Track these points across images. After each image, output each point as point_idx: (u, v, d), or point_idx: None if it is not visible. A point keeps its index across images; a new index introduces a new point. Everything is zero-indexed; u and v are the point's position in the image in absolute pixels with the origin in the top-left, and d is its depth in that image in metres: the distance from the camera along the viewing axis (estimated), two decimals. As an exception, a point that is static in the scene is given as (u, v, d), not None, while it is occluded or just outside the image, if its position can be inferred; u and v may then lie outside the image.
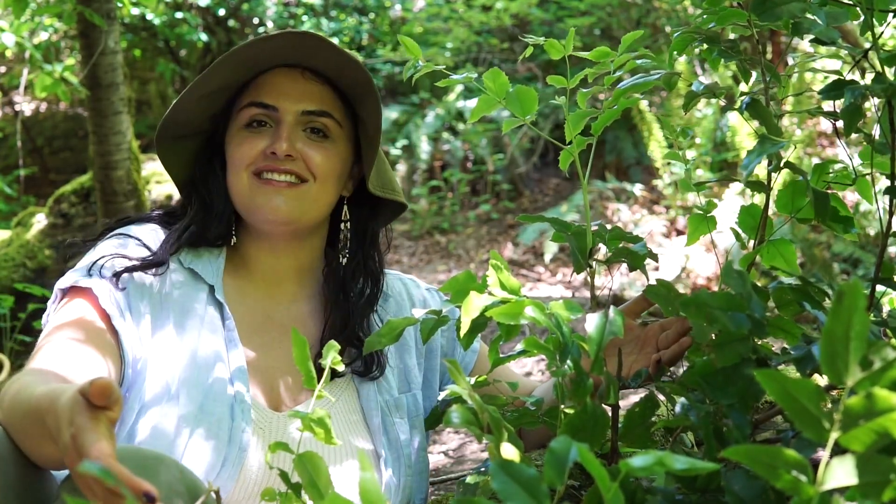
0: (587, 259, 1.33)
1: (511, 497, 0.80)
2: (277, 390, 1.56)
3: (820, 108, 1.39)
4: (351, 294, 1.62)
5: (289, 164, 1.54)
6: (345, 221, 1.67)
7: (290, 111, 1.56)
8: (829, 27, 1.26)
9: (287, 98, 1.56)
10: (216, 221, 1.59)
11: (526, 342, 1.15)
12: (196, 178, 1.62)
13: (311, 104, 1.57)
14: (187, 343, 1.49)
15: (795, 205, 1.37)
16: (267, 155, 1.54)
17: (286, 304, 1.63)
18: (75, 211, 4.91)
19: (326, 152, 1.57)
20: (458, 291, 1.20)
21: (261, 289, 1.62)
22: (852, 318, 0.71)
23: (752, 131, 1.34)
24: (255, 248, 1.62)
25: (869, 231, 5.46)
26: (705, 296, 1.11)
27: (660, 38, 7.53)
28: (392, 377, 1.63)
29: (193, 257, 1.58)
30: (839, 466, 0.73)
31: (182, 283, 1.55)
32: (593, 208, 6.62)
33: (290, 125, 1.55)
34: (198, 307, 1.53)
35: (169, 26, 8.30)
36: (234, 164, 1.57)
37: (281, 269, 1.62)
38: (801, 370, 1.15)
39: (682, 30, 1.38)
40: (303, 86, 1.57)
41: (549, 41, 1.35)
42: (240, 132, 1.57)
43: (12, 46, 4.10)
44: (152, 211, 1.66)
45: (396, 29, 9.06)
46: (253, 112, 1.56)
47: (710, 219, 1.49)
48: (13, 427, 1.22)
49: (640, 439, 1.22)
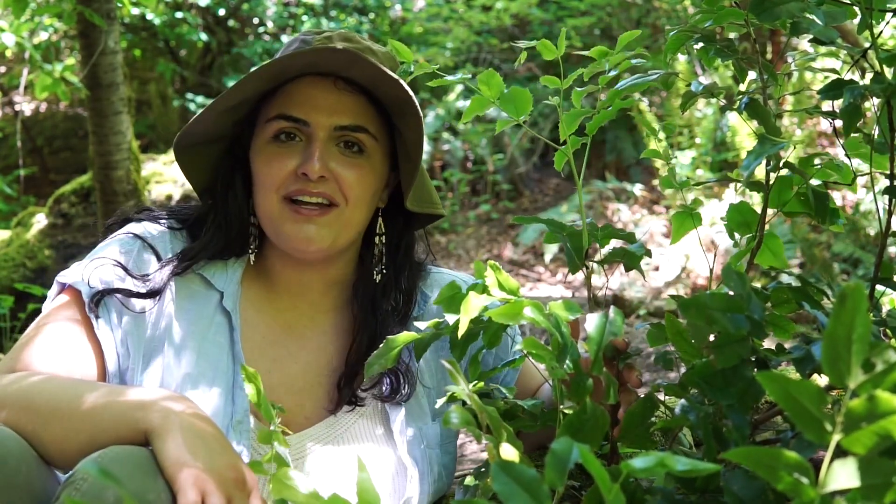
0: (583, 259, 1.32)
1: (512, 498, 0.80)
2: (287, 409, 1.44)
3: (819, 108, 1.39)
4: (379, 312, 1.52)
5: (321, 187, 1.43)
6: (379, 235, 1.56)
7: (322, 126, 1.44)
8: (828, 27, 1.26)
9: (319, 111, 1.44)
10: (233, 234, 1.51)
11: (525, 343, 1.15)
12: (216, 193, 1.52)
13: (346, 118, 1.45)
14: (187, 355, 1.43)
15: (782, 198, 1.36)
16: (298, 176, 1.43)
17: (311, 315, 1.55)
18: (75, 211, 4.91)
19: (360, 171, 1.46)
20: (447, 302, 1.20)
21: (284, 298, 1.54)
22: (855, 321, 0.70)
23: (752, 131, 1.34)
24: (280, 264, 1.53)
25: (869, 231, 5.45)
26: (704, 297, 1.11)
27: (660, 38, 7.53)
28: (425, 400, 1.54)
29: (207, 262, 1.50)
30: (841, 469, 0.72)
31: (191, 289, 1.48)
32: (593, 208, 6.62)
33: (323, 141, 1.44)
34: (205, 315, 1.47)
35: (169, 26, 8.31)
36: (262, 183, 1.46)
37: (306, 280, 1.54)
38: (801, 371, 1.15)
39: (678, 29, 1.37)
40: (335, 97, 1.46)
41: (542, 42, 1.34)
42: (267, 146, 1.47)
43: (12, 46, 4.10)
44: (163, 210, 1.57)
45: (396, 29, 9.05)
46: (282, 125, 1.45)
47: (696, 215, 1.48)
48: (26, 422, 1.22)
49: (639, 440, 1.22)
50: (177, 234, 1.52)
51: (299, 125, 1.45)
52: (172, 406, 1.18)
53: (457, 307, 1.14)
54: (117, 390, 1.23)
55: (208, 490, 1.08)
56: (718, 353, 1.11)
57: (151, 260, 1.48)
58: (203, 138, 1.51)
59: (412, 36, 8.72)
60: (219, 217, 1.51)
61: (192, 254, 1.49)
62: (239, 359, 1.45)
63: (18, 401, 1.25)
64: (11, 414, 1.24)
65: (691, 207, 1.48)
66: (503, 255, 6.79)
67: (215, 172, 1.54)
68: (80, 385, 1.28)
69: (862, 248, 5.50)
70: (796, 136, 6.25)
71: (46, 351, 1.37)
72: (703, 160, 6.51)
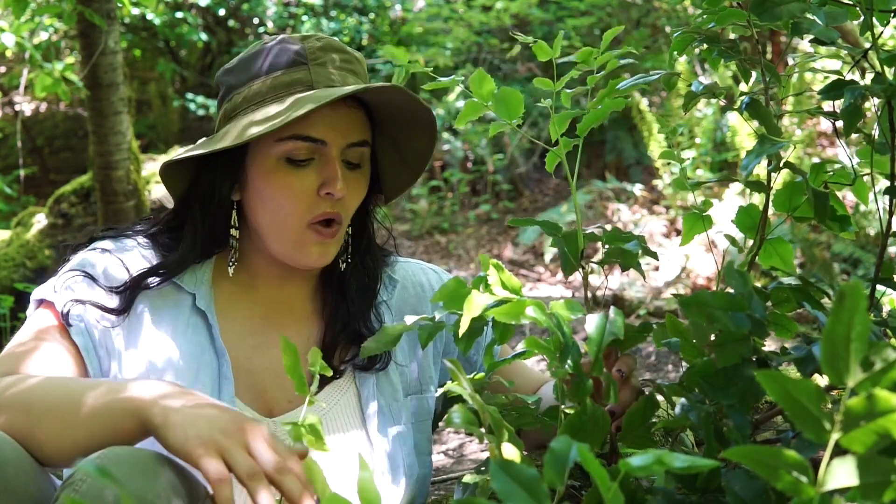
0: (579, 260, 1.32)
1: (511, 497, 0.80)
2: (271, 393, 1.51)
3: (820, 108, 1.39)
4: (349, 294, 1.58)
5: (338, 206, 1.46)
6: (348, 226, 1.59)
7: (337, 145, 1.45)
8: (829, 27, 1.26)
9: (336, 132, 1.45)
10: (211, 244, 1.52)
11: (527, 342, 1.15)
12: (194, 204, 1.50)
13: (356, 135, 1.47)
14: (166, 355, 1.46)
15: (793, 203, 1.37)
16: (321, 197, 1.44)
17: (287, 305, 1.59)
18: (75, 211, 4.91)
19: (360, 184, 1.50)
20: (449, 298, 1.19)
21: (260, 290, 1.57)
22: (853, 319, 0.70)
23: (752, 131, 1.34)
24: (263, 270, 1.55)
25: (869, 231, 5.46)
26: (706, 296, 1.11)
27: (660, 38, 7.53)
28: (396, 377, 1.59)
29: None
30: (840, 467, 0.72)
31: (162, 294, 1.50)
32: (593, 208, 6.62)
33: (338, 160, 1.46)
34: (180, 319, 1.49)
35: (169, 26, 8.31)
36: (280, 206, 1.46)
37: (286, 274, 1.57)
38: (801, 371, 1.15)
39: (682, 30, 1.37)
40: (346, 114, 1.46)
41: (538, 44, 1.34)
42: (280, 166, 1.45)
43: (12, 46, 4.10)
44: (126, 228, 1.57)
45: (396, 29, 9.06)
46: (298, 146, 1.44)
47: (707, 218, 1.48)
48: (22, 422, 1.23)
49: (640, 440, 1.22)
50: (144, 247, 1.53)
51: (317, 145, 1.45)
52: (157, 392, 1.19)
53: (459, 304, 1.14)
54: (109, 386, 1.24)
55: (225, 452, 1.10)
56: (719, 352, 1.11)
57: (121, 272, 1.48)
58: None
59: (412, 36, 8.72)
60: (198, 229, 1.51)
61: (172, 267, 1.49)
62: (221, 352, 1.48)
63: (14, 402, 1.26)
64: (8, 415, 1.25)
65: (702, 209, 1.48)
66: (503, 255, 6.79)
67: (196, 180, 1.51)
68: (71, 382, 1.29)
69: (862, 248, 5.50)
70: (796, 136, 6.25)
71: (28, 359, 1.38)
72: (704, 160, 6.52)
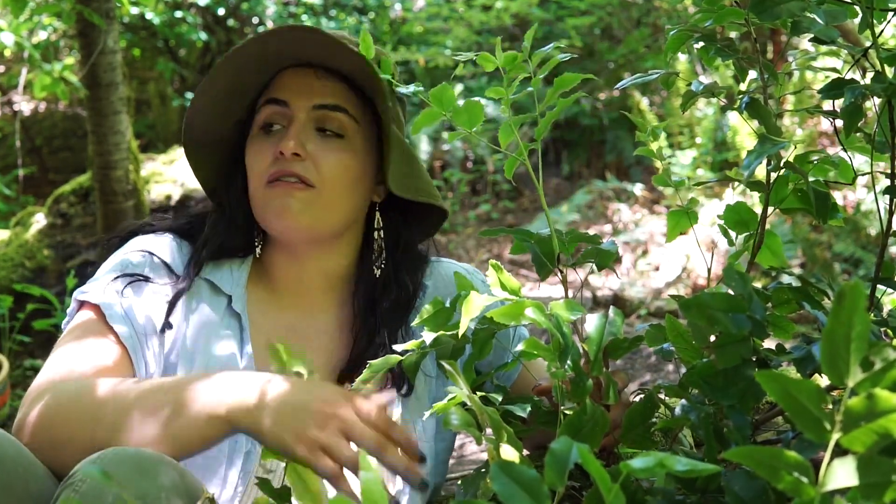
0: (555, 264, 1.33)
1: (512, 498, 0.80)
2: None
3: (820, 108, 1.39)
4: (378, 308, 1.53)
5: (297, 167, 1.45)
6: (378, 229, 1.58)
7: (301, 107, 1.49)
8: (829, 26, 1.25)
9: (299, 94, 1.49)
10: (237, 233, 1.54)
11: (526, 343, 1.15)
12: (218, 188, 1.58)
13: (322, 98, 1.49)
14: (200, 358, 1.46)
15: (779, 196, 1.36)
16: (276, 157, 1.46)
17: (313, 315, 1.56)
18: (74, 211, 4.90)
19: (339, 154, 1.48)
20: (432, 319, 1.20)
21: (285, 298, 1.55)
22: (853, 319, 0.70)
23: (752, 131, 1.33)
24: (277, 257, 1.55)
25: (870, 231, 5.45)
26: (706, 297, 1.11)
27: (660, 37, 7.53)
28: (423, 389, 1.54)
29: (213, 268, 1.53)
30: (840, 467, 0.72)
31: (201, 295, 1.51)
32: (593, 208, 6.62)
33: (302, 122, 1.48)
34: (215, 319, 1.50)
35: (168, 25, 8.30)
36: (251, 174, 1.51)
37: (306, 277, 1.55)
38: (801, 371, 1.15)
39: (678, 28, 1.37)
40: (315, 82, 1.50)
41: (482, 55, 1.37)
42: (256, 137, 1.51)
43: (11, 46, 4.10)
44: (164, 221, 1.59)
45: (396, 29, 9.06)
46: (268, 112, 1.50)
47: (692, 214, 1.48)
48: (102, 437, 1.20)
49: (640, 440, 1.22)
50: (182, 246, 1.55)
51: (281, 107, 1.49)
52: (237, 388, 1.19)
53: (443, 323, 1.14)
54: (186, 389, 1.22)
55: (327, 448, 1.11)
56: (719, 353, 1.11)
57: (163, 274, 1.50)
58: (207, 137, 1.55)
59: (412, 36, 8.72)
60: (222, 205, 1.56)
61: (202, 244, 1.52)
62: (251, 359, 1.48)
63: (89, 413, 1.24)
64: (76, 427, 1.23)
65: (688, 206, 1.48)
66: (503, 255, 6.79)
67: (218, 172, 1.59)
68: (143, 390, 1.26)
69: (863, 248, 5.49)
70: (797, 135, 6.25)
71: (79, 363, 1.36)
72: (704, 160, 6.51)
